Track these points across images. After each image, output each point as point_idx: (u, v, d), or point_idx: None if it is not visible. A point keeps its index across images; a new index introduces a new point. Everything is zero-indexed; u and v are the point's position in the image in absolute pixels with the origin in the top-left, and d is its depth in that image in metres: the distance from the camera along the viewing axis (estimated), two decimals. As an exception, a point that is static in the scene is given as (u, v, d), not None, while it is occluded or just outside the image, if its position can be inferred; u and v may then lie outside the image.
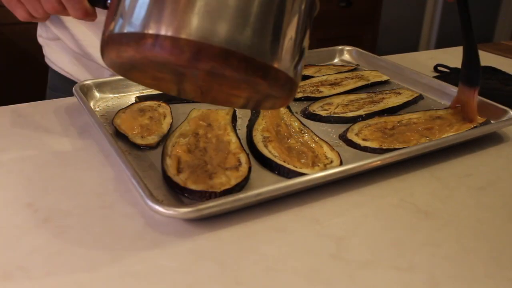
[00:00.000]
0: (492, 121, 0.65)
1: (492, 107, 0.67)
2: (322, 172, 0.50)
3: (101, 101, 0.70)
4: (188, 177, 0.49)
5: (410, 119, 0.65)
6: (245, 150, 0.55)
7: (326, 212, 0.48)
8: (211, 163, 0.52)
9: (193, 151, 0.54)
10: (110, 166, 0.55)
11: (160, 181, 0.51)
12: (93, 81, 0.71)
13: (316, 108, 0.69)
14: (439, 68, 0.94)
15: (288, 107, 0.68)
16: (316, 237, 0.45)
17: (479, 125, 0.63)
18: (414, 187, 0.53)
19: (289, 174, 0.52)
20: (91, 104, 0.69)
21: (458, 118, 0.65)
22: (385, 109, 0.69)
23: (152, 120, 0.63)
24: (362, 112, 0.68)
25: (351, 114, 0.67)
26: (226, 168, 0.51)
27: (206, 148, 0.55)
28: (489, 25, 3.16)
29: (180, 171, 0.50)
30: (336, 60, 0.95)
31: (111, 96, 0.72)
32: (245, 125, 0.64)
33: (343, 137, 0.61)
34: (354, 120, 0.66)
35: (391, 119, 0.65)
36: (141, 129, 0.60)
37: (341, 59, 0.95)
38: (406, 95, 0.74)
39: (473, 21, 0.60)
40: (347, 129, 0.63)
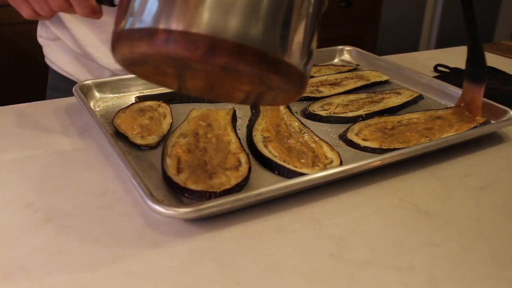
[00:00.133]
0: (492, 121, 0.65)
1: (492, 107, 0.67)
2: (322, 172, 0.50)
3: (101, 101, 0.70)
4: (188, 177, 0.49)
5: (410, 119, 0.65)
6: (245, 150, 0.55)
7: (326, 212, 0.48)
8: (211, 163, 0.52)
9: (193, 151, 0.54)
10: (110, 166, 0.55)
11: (160, 181, 0.51)
12: (93, 81, 0.71)
13: (316, 108, 0.69)
14: (439, 68, 0.94)
15: (288, 107, 0.68)
16: (316, 237, 0.45)
17: (479, 125, 0.63)
18: (414, 187, 0.53)
19: (289, 174, 0.52)
20: (91, 104, 0.69)
21: (458, 118, 0.65)
22: (385, 109, 0.69)
23: (152, 120, 0.63)
24: (362, 112, 0.68)
25: (351, 114, 0.67)
26: (226, 168, 0.51)
27: (206, 148, 0.55)
28: (489, 25, 3.16)
29: (180, 171, 0.50)
30: (336, 60, 0.95)
31: (111, 96, 0.72)
32: (245, 125, 0.64)
33: (343, 137, 0.61)
34: (354, 120, 0.66)
35: (391, 119, 0.65)
36: (141, 129, 0.60)
37: (341, 59, 0.95)
38: (406, 95, 0.74)
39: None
40: (347, 129, 0.63)
